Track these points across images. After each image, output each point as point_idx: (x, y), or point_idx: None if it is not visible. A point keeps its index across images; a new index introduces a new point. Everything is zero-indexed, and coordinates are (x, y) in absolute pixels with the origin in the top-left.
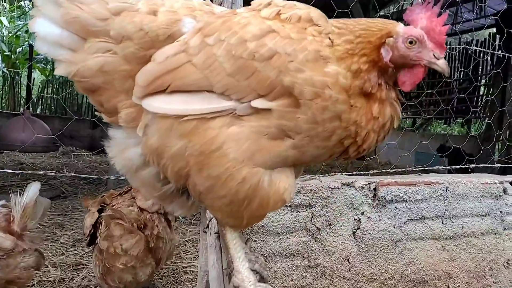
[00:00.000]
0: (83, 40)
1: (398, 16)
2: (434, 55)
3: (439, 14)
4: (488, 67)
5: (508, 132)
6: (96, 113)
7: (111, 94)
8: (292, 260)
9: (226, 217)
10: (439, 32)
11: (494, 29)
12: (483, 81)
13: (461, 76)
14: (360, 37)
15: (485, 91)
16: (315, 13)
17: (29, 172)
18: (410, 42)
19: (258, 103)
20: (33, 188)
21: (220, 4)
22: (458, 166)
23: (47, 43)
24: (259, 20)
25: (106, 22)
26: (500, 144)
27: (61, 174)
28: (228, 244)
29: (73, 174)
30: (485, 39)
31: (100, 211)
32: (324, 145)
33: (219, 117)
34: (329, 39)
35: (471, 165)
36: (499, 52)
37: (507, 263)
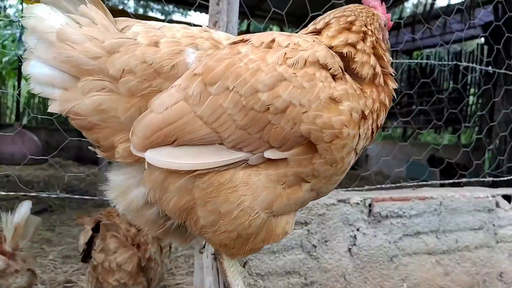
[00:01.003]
0: (76, 79)
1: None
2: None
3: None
4: (477, 77)
5: (497, 142)
6: (90, 147)
7: (108, 131)
8: (288, 278)
9: (227, 249)
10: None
11: (483, 39)
12: (472, 89)
13: (450, 85)
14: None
15: (474, 100)
16: (320, 52)
17: (23, 192)
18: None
19: (272, 154)
20: (24, 207)
21: (215, 24)
22: (451, 181)
23: (39, 83)
24: (269, 67)
25: (100, 60)
26: (490, 153)
27: (51, 193)
28: (225, 272)
29: (65, 196)
30: (473, 49)
31: (94, 229)
32: (341, 177)
33: (232, 168)
34: (340, 78)
35: (464, 179)
36: (489, 68)
37: (500, 276)
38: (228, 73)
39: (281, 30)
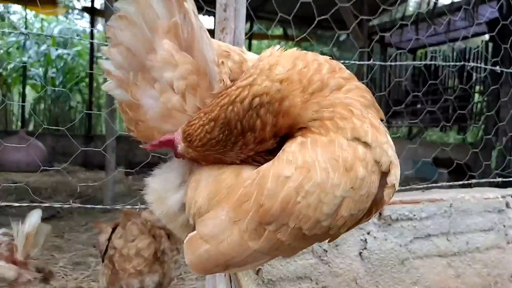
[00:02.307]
0: None
1: (392, 25)
2: None
3: None
4: (482, 75)
5: (503, 140)
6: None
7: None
8: (299, 284)
9: None
10: None
11: (487, 36)
12: (477, 87)
13: (455, 83)
14: None
15: (480, 98)
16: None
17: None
18: None
19: None
20: (35, 215)
21: (222, 30)
22: (461, 182)
23: None
24: (330, 196)
25: None
26: (497, 152)
27: (64, 203)
28: (239, 280)
29: (80, 205)
30: (478, 46)
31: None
32: None
33: None
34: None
35: (473, 180)
36: (497, 67)
37: None
38: (287, 212)
39: (285, 32)
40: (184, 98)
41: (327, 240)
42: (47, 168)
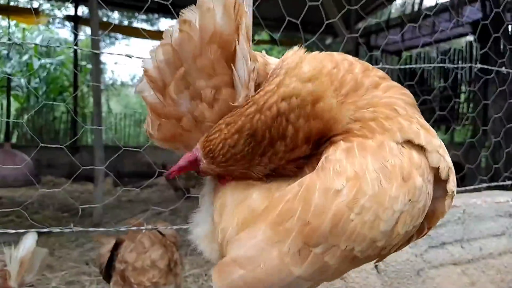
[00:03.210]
0: None
1: (377, 28)
2: None
3: None
4: (467, 75)
5: (492, 137)
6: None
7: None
8: None
9: None
10: None
11: (472, 37)
12: (463, 87)
13: (441, 83)
14: None
15: (466, 97)
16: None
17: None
18: None
19: None
20: (30, 240)
21: None
22: (472, 187)
23: None
24: (388, 211)
25: None
26: (486, 149)
27: (65, 227)
28: None
29: (79, 229)
30: (462, 46)
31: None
32: None
33: None
34: None
35: (484, 184)
36: (503, 69)
37: None
38: (338, 232)
39: (271, 37)
40: (212, 108)
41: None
42: (31, 180)
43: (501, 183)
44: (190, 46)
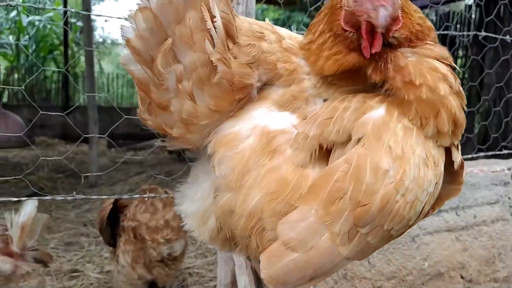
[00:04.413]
0: None
1: None
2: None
3: None
4: (465, 40)
5: (487, 104)
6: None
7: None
8: None
9: None
10: None
11: (471, 1)
12: (460, 52)
13: None
14: None
15: (462, 63)
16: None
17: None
18: None
19: None
20: (31, 205)
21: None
22: (470, 156)
23: None
24: (425, 193)
25: None
26: (479, 117)
27: (68, 195)
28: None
29: (82, 197)
30: (461, 10)
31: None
32: None
33: None
34: None
35: (481, 154)
36: (508, 37)
37: None
38: (385, 212)
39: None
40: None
41: None
42: (25, 141)
43: (497, 153)
44: (171, 10)
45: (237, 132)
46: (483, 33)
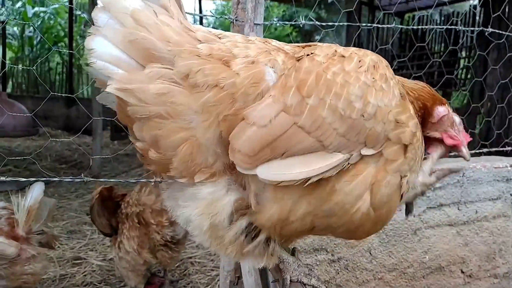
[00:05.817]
0: (141, 66)
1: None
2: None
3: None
4: (469, 40)
5: (488, 104)
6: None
7: (172, 128)
8: (316, 255)
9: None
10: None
11: (476, 1)
12: (464, 53)
13: (442, 48)
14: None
15: (466, 63)
16: (377, 57)
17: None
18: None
19: (368, 151)
20: (37, 189)
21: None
22: (473, 151)
23: (102, 60)
24: (354, 77)
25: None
26: (481, 117)
27: (75, 177)
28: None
29: (90, 179)
30: (465, 11)
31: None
32: None
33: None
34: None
35: (484, 150)
36: (488, 29)
37: None
38: (320, 86)
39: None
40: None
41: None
42: (29, 131)
43: (500, 149)
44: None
45: None
46: (490, 29)
